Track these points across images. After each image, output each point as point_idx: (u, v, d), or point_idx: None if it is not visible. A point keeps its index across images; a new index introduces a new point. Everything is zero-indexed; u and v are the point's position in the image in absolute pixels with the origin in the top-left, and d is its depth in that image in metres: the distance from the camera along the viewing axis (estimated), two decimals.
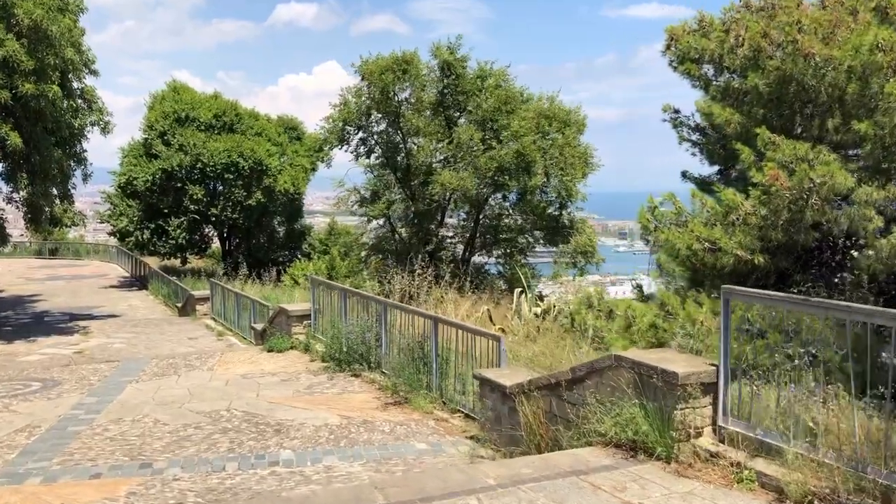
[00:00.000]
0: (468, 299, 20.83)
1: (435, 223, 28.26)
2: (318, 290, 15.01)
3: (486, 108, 25.09)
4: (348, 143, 28.16)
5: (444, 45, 26.18)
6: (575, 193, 25.70)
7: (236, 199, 36.71)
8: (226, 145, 36.21)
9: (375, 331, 12.32)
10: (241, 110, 39.93)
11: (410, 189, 27.72)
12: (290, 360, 14.02)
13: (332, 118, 27.72)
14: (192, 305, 25.26)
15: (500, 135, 24.84)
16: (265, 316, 18.85)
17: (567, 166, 25.22)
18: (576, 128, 26.43)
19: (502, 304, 22.09)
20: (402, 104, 26.81)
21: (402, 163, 27.48)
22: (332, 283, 14.41)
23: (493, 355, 9.30)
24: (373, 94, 26.36)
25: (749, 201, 13.22)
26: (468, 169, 24.22)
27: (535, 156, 23.91)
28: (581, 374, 7.08)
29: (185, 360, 14.22)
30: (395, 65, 25.46)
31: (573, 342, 15.93)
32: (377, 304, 12.40)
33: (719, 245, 13.06)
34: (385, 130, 28.01)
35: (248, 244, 41.65)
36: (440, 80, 26.13)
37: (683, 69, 16.35)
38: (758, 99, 14.97)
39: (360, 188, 29.39)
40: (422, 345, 10.97)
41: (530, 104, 26.75)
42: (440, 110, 26.36)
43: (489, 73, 26.42)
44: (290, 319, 15.19)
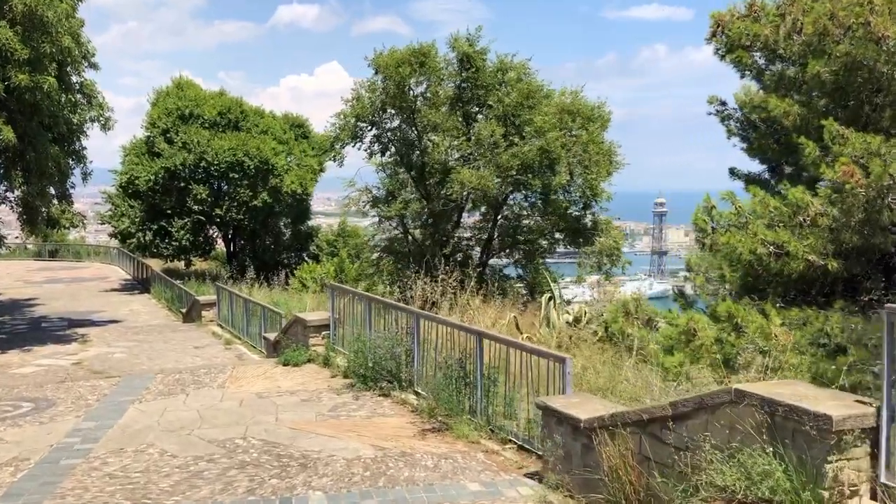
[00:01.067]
0: (491, 306, 19.52)
1: (451, 224, 26.95)
2: (338, 299, 13.71)
3: (508, 103, 23.77)
4: (361, 140, 26.86)
5: (462, 37, 24.89)
6: (600, 193, 24.38)
7: (242, 200, 35.41)
8: (231, 143, 34.92)
9: (406, 345, 11.03)
10: (246, 107, 38.65)
11: (426, 188, 26.42)
12: (308, 375, 12.71)
13: (343, 114, 26.42)
14: (197, 311, 23.96)
15: (522, 131, 23.52)
16: (277, 324, 17.56)
17: (591, 164, 23.90)
18: (600, 124, 25.11)
19: (528, 310, 20.79)
20: (418, 99, 25.50)
21: (417, 161, 26.17)
22: (355, 291, 13.12)
23: (554, 379, 8.00)
24: (388, 88, 25.06)
25: (817, 200, 11.93)
26: (489, 167, 22.91)
27: (559, 153, 22.59)
28: (685, 409, 5.77)
29: (193, 376, 12.92)
30: (412, 57, 24.16)
31: (615, 355, 14.66)
32: (408, 316, 11.10)
33: (787, 249, 11.76)
34: (399, 127, 26.72)
35: (253, 246, 40.36)
36: (458, 74, 24.81)
37: (734, 57, 15.04)
38: (820, 88, 13.66)
39: (373, 188, 28.09)
40: (462, 362, 9.67)
41: (552, 99, 25.43)
42: (458, 105, 25.05)
43: (510, 66, 25.10)
44: (306, 330, 13.89)
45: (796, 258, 11.58)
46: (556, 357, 7.89)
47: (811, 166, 12.99)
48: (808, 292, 13.24)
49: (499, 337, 8.88)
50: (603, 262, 25.06)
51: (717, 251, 12.60)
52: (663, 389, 9.28)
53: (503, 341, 8.73)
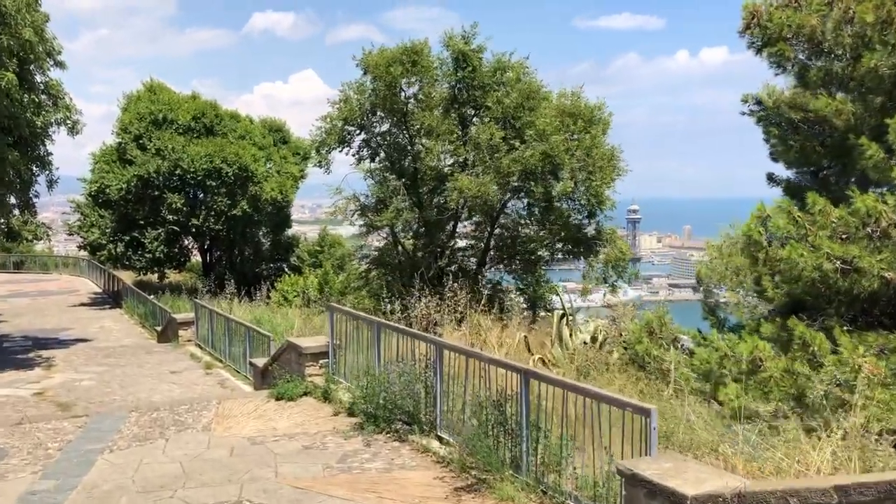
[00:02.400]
0: (494, 322, 17.90)
1: (445, 234, 25.35)
2: (339, 322, 12.05)
3: (507, 104, 22.22)
4: (349, 145, 25.18)
5: (457, 34, 23.31)
6: (605, 200, 22.91)
7: (219, 209, 33.54)
8: (207, 150, 33.07)
9: (428, 380, 9.40)
10: (221, 111, 36.83)
11: (418, 196, 24.79)
12: (307, 412, 11.03)
13: (330, 117, 24.73)
14: (173, 330, 22.11)
15: (523, 134, 21.99)
16: (264, 347, 15.85)
17: (595, 170, 22.43)
18: (601, 127, 23.65)
19: (537, 326, 19.23)
20: (410, 101, 23.90)
21: (409, 167, 24.55)
22: (361, 315, 11.46)
23: (632, 433, 6.43)
24: (377, 89, 23.43)
25: (888, 209, 10.50)
26: (489, 173, 21.33)
27: (563, 158, 21.09)
28: (865, 499, 4.22)
29: (174, 414, 11.17)
30: (404, 56, 22.56)
31: (650, 384, 13.14)
32: (428, 345, 9.48)
33: (857, 264, 10.31)
34: (390, 131, 25.09)
35: (230, 257, 38.49)
36: (453, 73, 23.22)
37: (774, 51, 13.60)
38: (878, 84, 12.28)
39: (361, 195, 26.40)
40: (501, 405, 8.07)
41: (550, 101, 23.95)
42: (453, 107, 23.46)
43: (508, 65, 23.56)
44: (301, 358, 12.20)
45: (868, 275, 10.14)
46: (636, 407, 6.31)
47: (873, 170, 11.60)
48: (870, 312, 11.84)
49: (555, 379, 7.28)
50: (609, 273, 23.58)
51: (773, 266, 11.12)
52: (752, 440, 7.76)
53: (561, 384, 7.13)
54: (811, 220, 10.93)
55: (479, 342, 16.30)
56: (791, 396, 9.30)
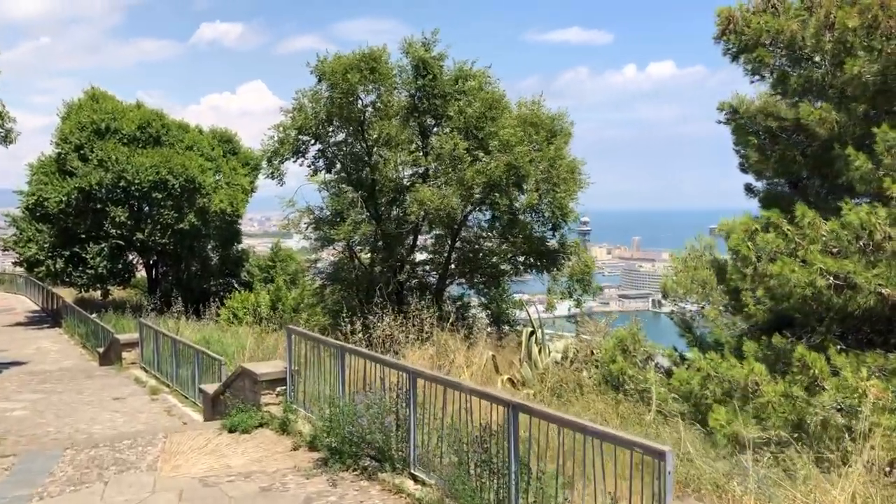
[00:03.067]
0: (459, 340, 17.06)
1: (405, 248, 24.46)
2: (298, 346, 11.08)
3: (470, 114, 21.47)
4: (304, 156, 24.16)
5: (417, 41, 22.54)
6: (569, 213, 22.29)
7: (166, 222, 32.11)
8: (153, 160, 31.66)
9: (400, 412, 8.51)
10: (168, 121, 35.43)
11: (376, 208, 23.88)
12: (263, 446, 10.03)
13: (283, 126, 23.68)
14: (116, 351, 20.77)
15: (486, 144, 21.26)
16: (214, 372, 14.76)
17: (559, 181, 21.81)
18: (563, 138, 23.08)
19: (503, 344, 18.47)
20: (367, 109, 23.02)
21: (366, 178, 23.62)
22: (323, 339, 10.51)
23: (642, 476, 5.65)
24: (334, 97, 22.48)
25: (883, 222, 9.98)
26: (451, 184, 20.54)
27: (528, 169, 20.41)
28: None
29: (115, 451, 10.05)
30: (362, 63, 21.67)
31: (632, 408, 12.44)
32: (399, 374, 8.59)
33: (852, 280, 9.75)
34: (346, 141, 24.15)
35: (177, 272, 36.96)
36: (413, 81, 22.41)
37: (753, 57, 13.08)
38: (861, 91, 11.82)
39: (315, 208, 25.38)
40: (484, 440, 7.23)
41: (511, 111, 23.30)
42: (413, 116, 22.64)
43: (470, 74, 22.85)
44: (257, 385, 11.19)
45: (863, 291, 9.59)
46: (647, 448, 5.52)
47: (859, 181, 11.11)
48: (859, 330, 11.33)
49: (549, 414, 6.45)
50: (574, 287, 22.95)
51: (762, 281, 10.50)
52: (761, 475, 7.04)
53: (557, 420, 6.30)
54: (801, 233, 10.37)
55: (447, 363, 15.47)
56: (791, 423, 8.64)
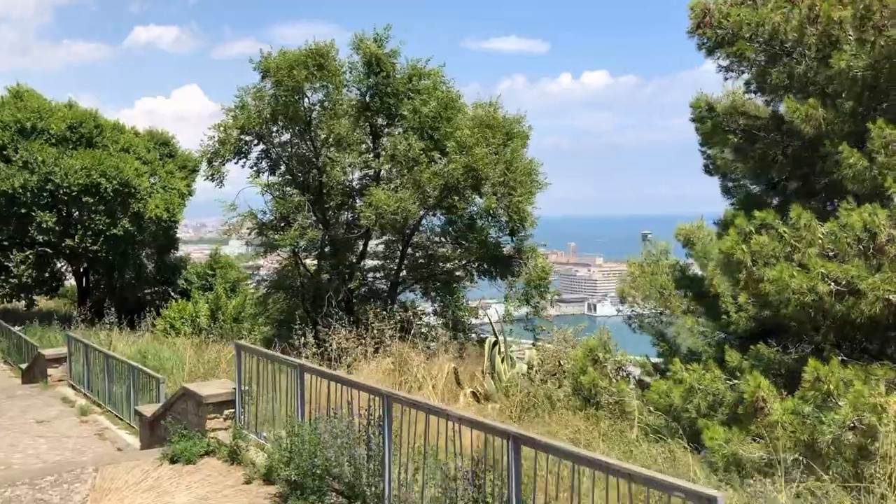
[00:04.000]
0: (419, 353, 16.03)
1: (355, 254, 23.31)
2: (249, 364, 9.89)
3: (426, 114, 20.48)
4: (246, 157, 22.82)
5: (368, 36, 21.44)
6: (527, 217, 21.46)
7: (97, 228, 30.21)
8: (84, 162, 29.76)
9: (373, 440, 7.44)
10: (102, 121, 33.50)
11: (324, 213, 22.69)
12: (211, 479, 8.83)
13: (224, 126, 22.31)
14: (41, 368, 19.08)
15: (442, 146, 20.30)
16: (152, 391, 13.43)
17: (517, 185, 20.98)
18: (520, 140, 22.25)
19: (465, 355, 17.48)
20: (315, 108, 21.83)
21: (313, 181, 22.41)
22: (279, 356, 9.35)
23: None
24: (279, 95, 21.24)
25: (886, 223, 9.33)
26: (407, 187, 19.49)
27: (486, 171, 19.52)
28: None
29: (35, 490, 8.72)
30: (309, 59, 20.48)
31: (612, 426, 11.58)
32: (372, 397, 7.52)
33: (856, 286, 9.06)
34: (291, 141, 22.90)
35: (110, 281, 35.01)
36: (365, 79, 21.32)
37: (732, 51, 12.39)
38: (850, 86, 11.23)
39: (258, 212, 24.07)
40: (476, 476, 6.24)
41: (466, 112, 22.39)
42: (365, 116, 21.54)
43: (424, 73, 21.86)
44: (202, 409, 9.96)
45: (868, 297, 8.91)
46: (692, 493, 4.58)
47: (852, 180, 10.48)
48: (852, 339, 10.70)
49: (562, 449, 5.47)
50: (531, 294, 22.11)
51: (757, 287, 9.74)
52: None
53: (571, 456, 5.33)
54: (797, 236, 9.67)
55: (406, 377, 14.41)
56: (803, 444, 7.86)
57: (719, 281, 12.47)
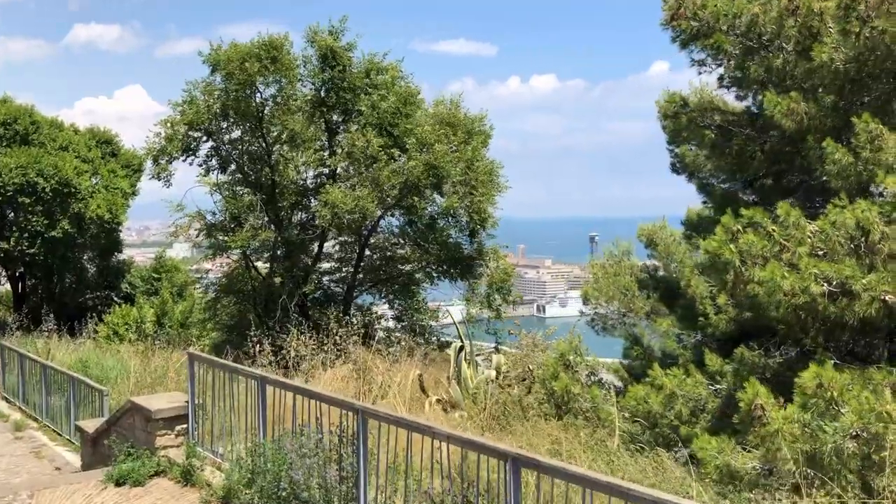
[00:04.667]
0: (381, 359, 15.30)
1: (310, 256, 22.43)
2: (204, 375, 9.06)
3: (384, 109, 19.74)
4: (195, 154, 21.76)
5: (323, 28, 20.61)
6: (488, 217, 20.87)
7: (34, 230, 28.68)
8: (20, 161, 28.23)
9: (345, 460, 6.71)
10: (38, 118, 31.89)
11: (277, 213, 21.78)
12: (162, 503, 7.98)
13: (171, 121, 21.23)
14: None
15: (402, 143, 19.59)
16: (95, 404, 12.45)
17: (478, 184, 20.38)
18: (481, 140, 21.66)
19: (429, 363, 16.78)
20: (268, 103, 20.91)
21: (266, 179, 21.48)
22: (236, 367, 8.55)
23: None
24: (229, 89, 20.27)
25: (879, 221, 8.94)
26: (366, 185, 18.72)
27: (448, 170, 18.86)
28: None
29: None
30: (262, 51, 19.56)
31: (592, 435, 11.03)
32: (344, 413, 6.80)
33: (850, 286, 8.65)
34: (242, 138, 21.93)
35: (49, 286, 33.33)
36: (320, 73, 20.46)
37: (710, 43, 11.97)
38: (832, 80, 10.88)
39: (207, 213, 23.03)
40: (468, 501, 5.57)
41: (426, 109, 21.72)
42: (320, 111, 20.67)
43: (381, 67, 21.10)
44: (151, 424, 9.09)
45: (863, 298, 8.50)
46: None
47: (836, 176, 10.10)
48: (838, 341, 10.32)
49: (570, 472, 4.82)
50: (493, 296, 21.51)
51: (746, 289, 9.26)
52: None
53: (588, 482, 4.68)
54: (786, 234, 9.23)
55: (367, 385, 13.66)
56: (805, 454, 7.37)
57: (696, 282, 12.05)
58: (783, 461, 7.43)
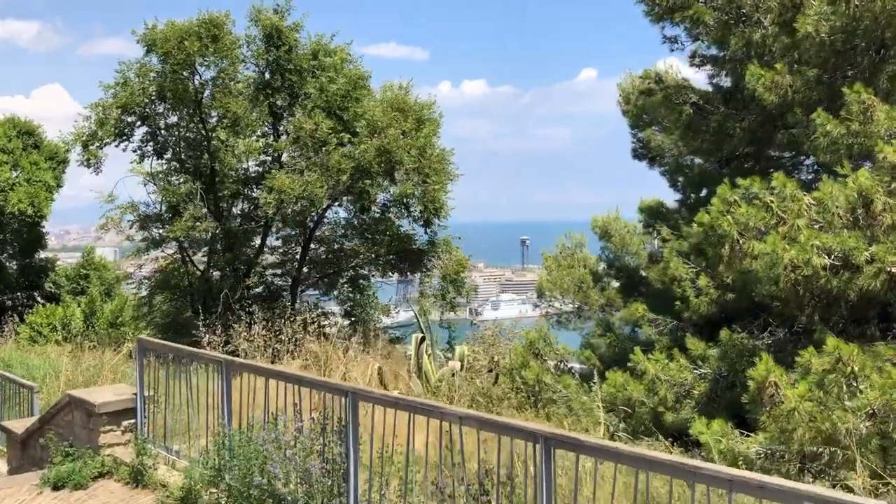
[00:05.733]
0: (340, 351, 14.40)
1: (252, 249, 21.27)
2: (154, 364, 8.06)
3: (333, 92, 18.75)
4: (129, 139, 20.35)
5: (268, 7, 19.49)
6: (442, 206, 20.08)
7: None
8: None
9: (329, 452, 5.87)
10: None
11: (216, 202, 20.59)
12: None
13: (102, 105, 19.80)
14: None
15: (351, 126, 18.64)
16: (23, 403, 11.23)
17: (431, 172, 19.60)
18: (431, 127, 20.88)
19: (388, 358, 15.91)
20: (208, 86, 19.70)
21: (205, 167, 20.25)
22: (198, 352, 7.58)
23: None
24: (166, 71, 19.01)
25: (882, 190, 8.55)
26: (314, 170, 17.70)
27: (401, 155, 18.02)
28: None
29: None
30: (202, 29, 18.36)
31: (571, 421, 10.42)
32: (331, 395, 5.95)
33: (853, 258, 8.21)
34: (180, 123, 20.64)
35: None
36: (264, 54, 19.34)
37: (688, 15, 11.52)
38: (817, 52, 10.51)
39: (141, 204, 21.66)
40: (486, 492, 4.81)
41: (374, 94, 20.82)
42: (265, 94, 19.54)
43: (329, 49, 20.09)
44: (93, 420, 8.04)
45: (863, 270, 8.07)
46: None
47: (825, 150, 9.71)
48: (833, 317, 9.91)
49: (612, 449, 4.11)
50: (447, 289, 20.72)
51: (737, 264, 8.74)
52: None
53: (630, 459, 3.98)
54: (783, 206, 8.75)
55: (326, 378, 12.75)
56: (823, 434, 6.85)
57: (676, 264, 11.52)
58: (798, 442, 6.90)
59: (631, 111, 16.88)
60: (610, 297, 17.30)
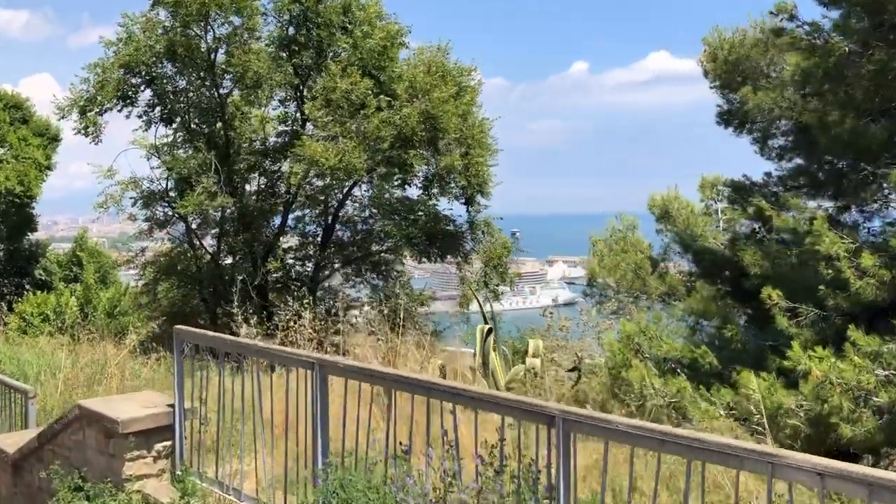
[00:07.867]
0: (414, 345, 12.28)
1: (271, 230, 18.97)
2: (197, 364, 5.80)
3: (369, 48, 16.44)
4: (133, 104, 17.97)
5: None
6: (487, 181, 17.82)
7: None
8: None
9: None
10: None
11: (230, 177, 18.27)
12: None
13: (102, 65, 17.41)
14: None
15: (389, 90, 16.33)
16: (16, 410, 8.94)
17: (475, 143, 17.35)
18: (471, 95, 18.61)
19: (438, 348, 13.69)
20: (223, 44, 17.34)
21: (219, 135, 17.91)
22: (268, 347, 5.32)
23: None
24: (175, 26, 16.66)
25: None
26: (350, 137, 15.39)
27: (447, 121, 15.74)
28: None
29: None
30: None
31: None
32: (530, 420, 3.69)
33: None
34: (191, 86, 18.27)
35: None
36: (289, 5, 16.95)
37: None
38: None
39: (145, 179, 19.37)
40: None
41: (410, 57, 18.52)
42: (291, 51, 17.18)
43: (361, 3, 17.71)
44: (115, 443, 5.77)
45: None
46: None
47: None
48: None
49: None
50: (490, 275, 18.45)
51: None
52: None
53: None
54: None
55: None
56: None
57: (832, 238, 9.30)
58: None
59: (720, 68, 14.79)
60: (672, 283, 15.35)
